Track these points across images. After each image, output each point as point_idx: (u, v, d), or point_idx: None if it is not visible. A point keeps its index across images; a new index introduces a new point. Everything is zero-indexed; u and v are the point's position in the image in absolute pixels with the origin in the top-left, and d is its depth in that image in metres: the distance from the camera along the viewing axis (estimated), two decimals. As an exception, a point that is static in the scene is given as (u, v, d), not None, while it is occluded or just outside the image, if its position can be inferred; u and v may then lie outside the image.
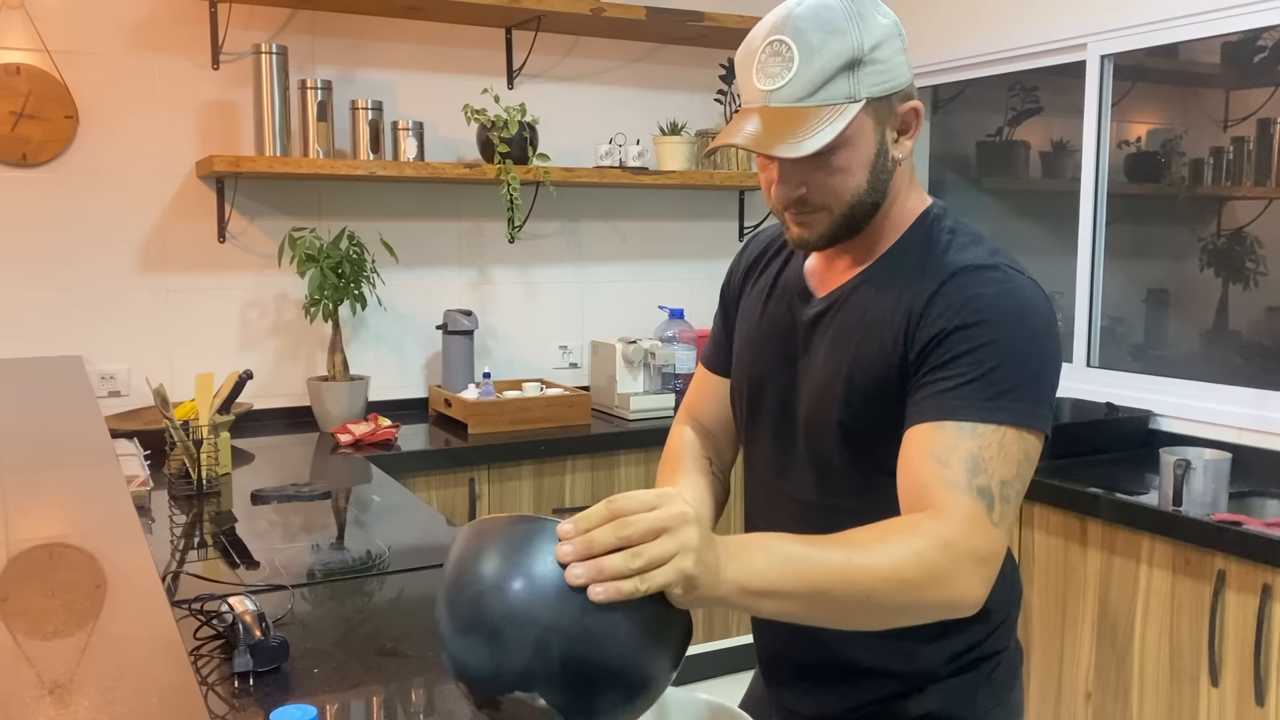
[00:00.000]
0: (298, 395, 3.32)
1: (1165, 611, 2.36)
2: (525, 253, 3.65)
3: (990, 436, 1.07)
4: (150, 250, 3.11)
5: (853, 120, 1.12)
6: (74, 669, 0.84)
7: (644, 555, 0.87)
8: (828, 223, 1.19)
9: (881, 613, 1.02)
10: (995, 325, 1.10)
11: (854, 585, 0.98)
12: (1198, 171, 3.04)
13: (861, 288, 1.22)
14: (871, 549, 1.00)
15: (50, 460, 1.58)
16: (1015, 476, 1.07)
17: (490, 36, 3.53)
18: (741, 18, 3.59)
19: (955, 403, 1.08)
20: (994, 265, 1.15)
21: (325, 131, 3.13)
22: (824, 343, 1.24)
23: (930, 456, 1.07)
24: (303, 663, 1.44)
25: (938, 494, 1.05)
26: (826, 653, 1.28)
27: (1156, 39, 2.99)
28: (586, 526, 0.88)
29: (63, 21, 2.95)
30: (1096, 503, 2.46)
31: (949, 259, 1.17)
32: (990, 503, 1.05)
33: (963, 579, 1.02)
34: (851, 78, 1.12)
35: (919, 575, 1.00)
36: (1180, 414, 2.91)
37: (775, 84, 1.12)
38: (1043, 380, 1.11)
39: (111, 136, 3.04)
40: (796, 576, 0.96)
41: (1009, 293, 1.13)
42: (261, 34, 3.18)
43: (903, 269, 1.20)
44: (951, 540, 1.02)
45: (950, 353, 1.10)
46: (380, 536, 2.10)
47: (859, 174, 1.16)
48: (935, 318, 1.13)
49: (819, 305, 1.26)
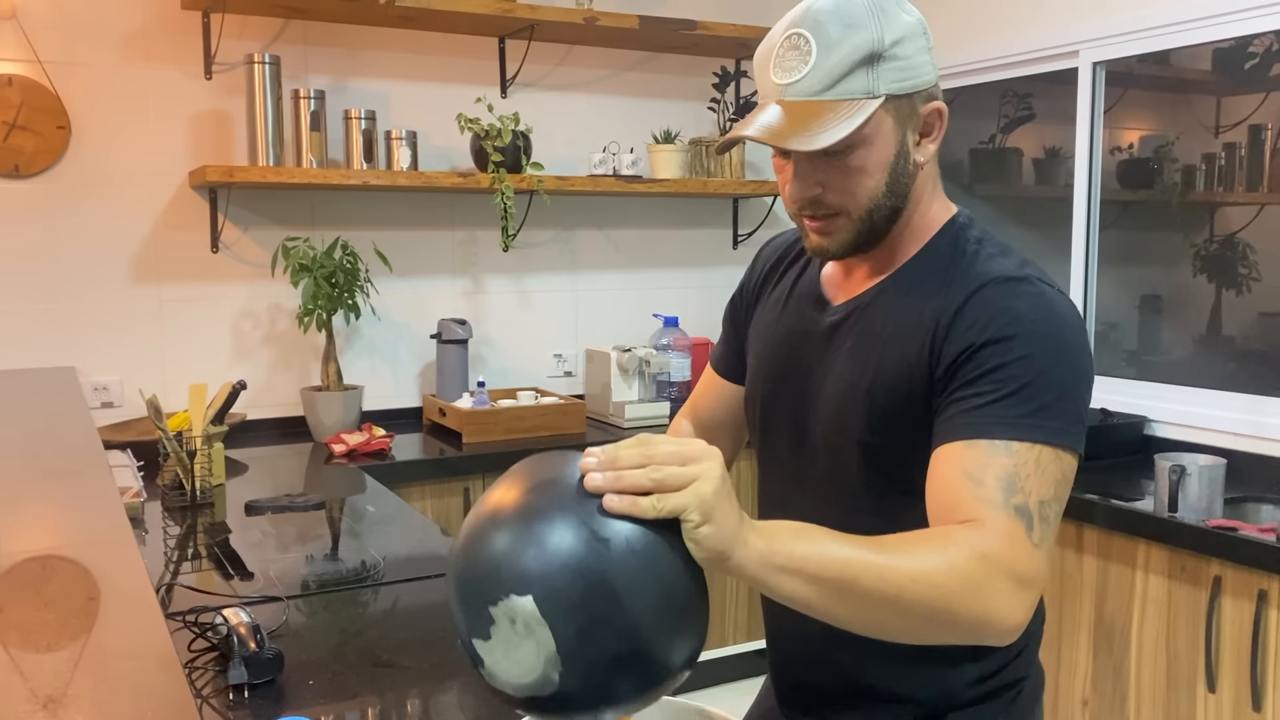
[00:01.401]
0: (291, 405, 3.31)
1: (1161, 618, 2.35)
2: (519, 261, 3.65)
3: (1026, 455, 1.01)
4: (143, 261, 3.10)
5: (871, 117, 1.08)
6: (67, 682, 0.83)
7: (664, 471, 0.87)
8: (847, 229, 1.14)
9: (908, 619, 0.95)
10: (1028, 340, 1.05)
11: (882, 581, 0.93)
12: (1190, 177, 3.05)
13: (882, 297, 1.17)
14: (903, 550, 0.95)
15: (43, 472, 1.57)
16: (1054, 497, 1.02)
17: (483, 45, 3.53)
18: (734, 26, 3.60)
19: (988, 420, 1.03)
20: (1025, 278, 1.10)
21: (319, 141, 3.12)
22: (841, 354, 1.19)
23: (963, 475, 1.01)
24: (298, 674, 1.43)
25: (973, 510, 0.99)
26: (844, 677, 1.23)
27: (1148, 46, 3.00)
28: (615, 452, 0.89)
29: (55, 32, 2.95)
30: (1092, 509, 2.46)
31: (977, 269, 1.12)
32: (1029, 522, 0.99)
33: (999, 596, 0.96)
34: (871, 73, 1.07)
35: (952, 583, 0.94)
36: (1175, 420, 2.91)
37: (792, 77, 1.08)
38: (1078, 398, 1.06)
39: (104, 147, 3.03)
40: (822, 559, 0.92)
41: (1042, 306, 1.07)
42: (254, 44, 3.18)
43: (927, 278, 1.15)
44: (989, 554, 0.96)
45: (981, 368, 1.05)
46: (375, 547, 2.09)
47: (877, 176, 1.12)
48: (964, 331, 1.07)
49: (836, 314, 1.21)
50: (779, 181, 1.18)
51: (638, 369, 3.49)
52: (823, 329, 1.23)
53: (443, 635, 1.59)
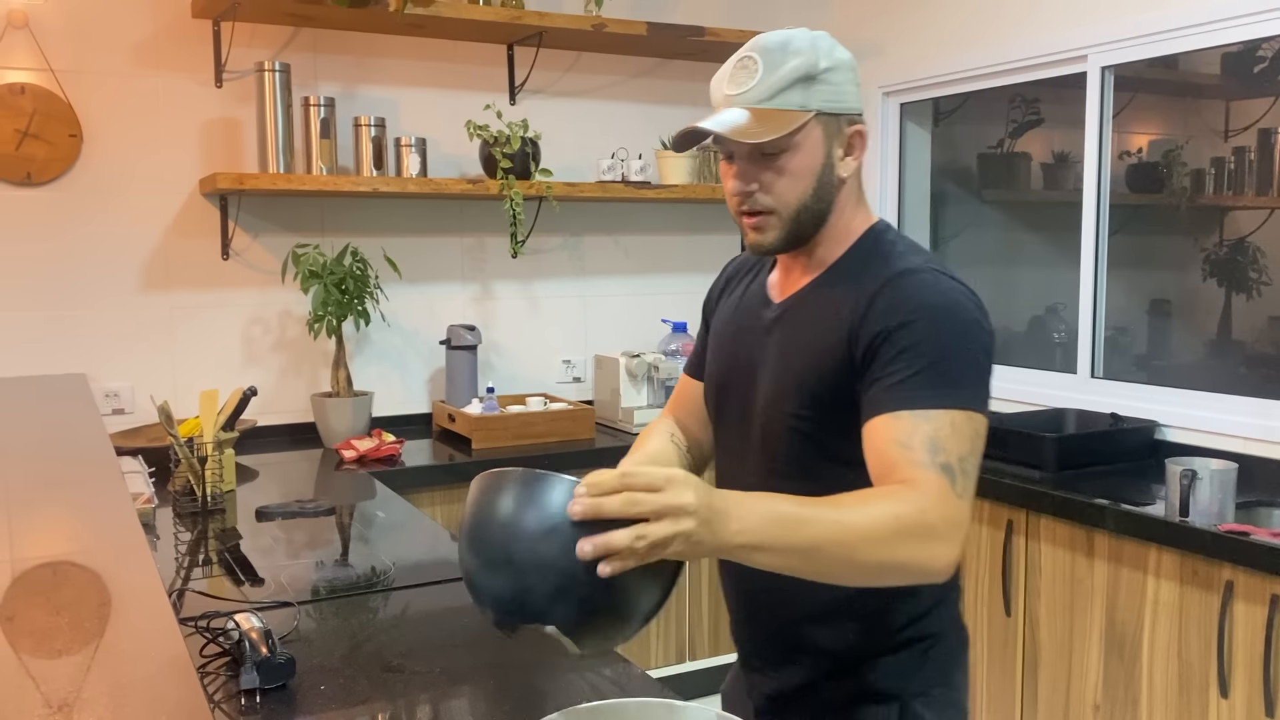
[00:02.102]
0: (302, 411, 3.32)
1: (1173, 623, 2.35)
2: (528, 267, 3.66)
3: (941, 420, 1.19)
4: (154, 268, 3.12)
5: (803, 127, 1.29)
6: (81, 687, 0.84)
7: (648, 538, 0.99)
8: (778, 227, 1.33)
9: (863, 568, 1.12)
10: (930, 322, 1.24)
11: (840, 542, 1.10)
12: (1199, 182, 3.04)
13: (812, 294, 1.37)
14: (856, 509, 1.12)
15: (56, 478, 1.58)
16: (970, 452, 1.21)
17: (492, 53, 3.54)
18: (742, 32, 3.61)
19: (907, 393, 1.21)
20: (926, 269, 1.29)
21: (328, 148, 3.14)
22: (778, 343, 1.38)
23: (894, 443, 1.19)
24: (309, 679, 1.44)
25: (907, 471, 1.17)
26: (780, 633, 1.42)
27: (1157, 50, 3.00)
28: (598, 492, 1.00)
29: (67, 41, 2.97)
30: (1102, 514, 2.45)
31: (889, 266, 1.31)
32: (953, 477, 1.17)
33: (936, 540, 1.14)
34: (806, 90, 1.28)
35: (897, 535, 1.12)
36: (1185, 424, 2.91)
37: (740, 89, 1.30)
38: (979, 365, 1.25)
39: (115, 155, 3.05)
40: (788, 534, 1.08)
41: (939, 292, 1.26)
42: (264, 52, 3.20)
43: (849, 275, 1.34)
44: (925, 506, 1.14)
45: (895, 349, 1.23)
46: (385, 552, 2.09)
47: (806, 180, 1.31)
48: (877, 317, 1.26)
49: (776, 310, 1.41)
50: (725, 188, 1.37)
51: (646, 374, 3.49)
52: (765, 323, 1.42)
53: (454, 640, 1.59)
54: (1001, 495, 2.71)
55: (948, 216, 3.92)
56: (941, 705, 1.39)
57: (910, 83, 3.77)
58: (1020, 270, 3.63)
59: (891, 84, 3.84)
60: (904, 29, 3.77)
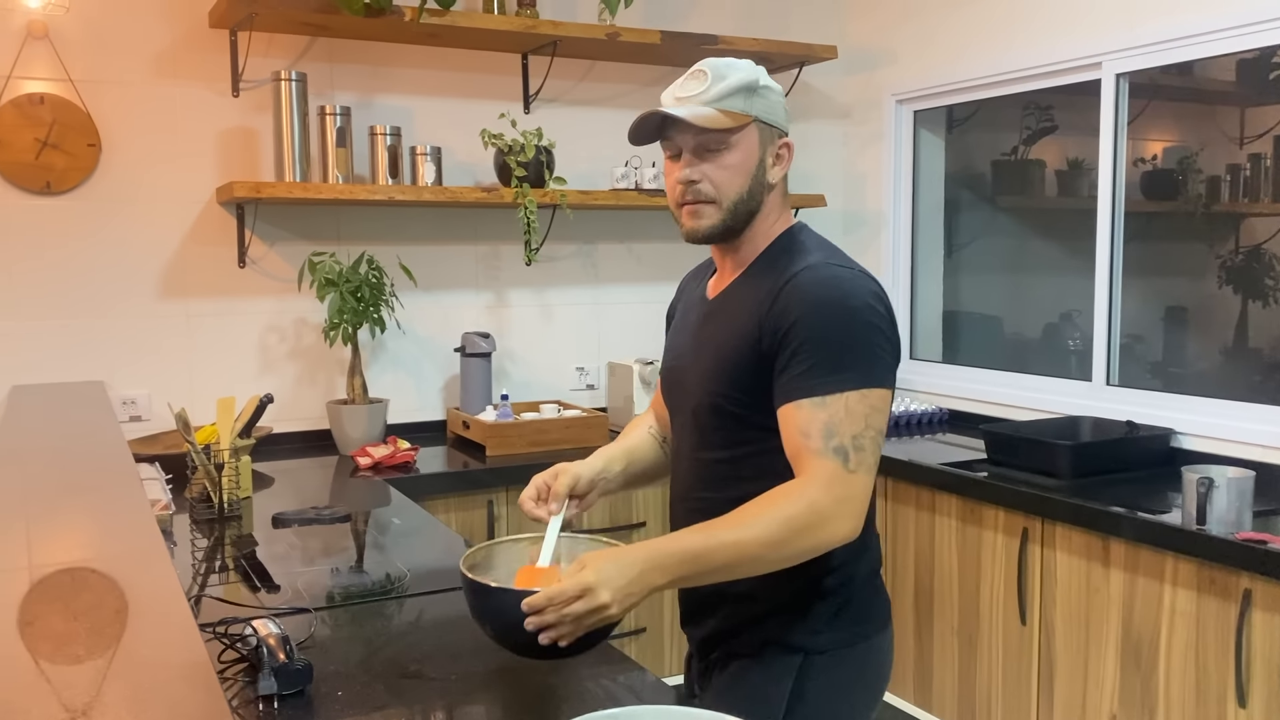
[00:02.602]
0: (317, 418, 3.34)
1: (1190, 631, 2.33)
2: (542, 275, 3.67)
3: (836, 404, 1.41)
4: (171, 276, 3.14)
5: (744, 128, 1.50)
6: (102, 692, 0.85)
7: (582, 626, 1.34)
8: (715, 216, 1.52)
9: (773, 564, 1.40)
10: (822, 314, 1.43)
11: (744, 557, 1.37)
12: (1214, 189, 3.03)
13: (735, 290, 1.58)
14: (752, 524, 1.37)
15: (75, 484, 1.59)
16: (865, 428, 1.41)
17: (507, 62, 3.56)
18: (756, 40, 3.62)
19: (806, 383, 1.42)
20: (823, 264, 1.49)
21: (344, 157, 3.16)
22: (709, 335, 1.59)
23: (797, 432, 1.42)
24: (326, 686, 1.44)
25: (806, 462, 1.41)
26: (703, 589, 1.58)
27: (1171, 57, 2.99)
28: (537, 609, 1.32)
29: (86, 51, 3.00)
30: (1118, 522, 2.44)
31: (793, 263, 1.51)
32: (845, 457, 1.40)
33: (828, 523, 1.38)
34: (747, 99, 1.50)
35: (791, 534, 1.37)
36: (1201, 432, 2.89)
37: (692, 93, 1.50)
38: (868, 344, 1.43)
39: (133, 164, 3.07)
40: (699, 567, 1.37)
41: (832, 285, 1.46)
42: (281, 61, 3.22)
43: (763, 272, 1.54)
44: (815, 498, 1.38)
45: (795, 340, 1.44)
46: (400, 559, 2.10)
47: (742, 177, 1.52)
48: (780, 312, 1.46)
49: (708, 306, 1.63)
50: (667, 184, 1.57)
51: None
52: (701, 318, 1.64)
53: (469, 646, 1.60)
54: (1017, 503, 2.70)
55: (961, 224, 3.92)
56: (843, 663, 1.56)
57: (924, 90, 3.77)
58: (1034, 277, 3.62)
59: (905, 91, 3.84)
60: (917, 37, 3.77)
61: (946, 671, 2.99)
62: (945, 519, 2.96)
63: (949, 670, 2.99)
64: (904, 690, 3.15)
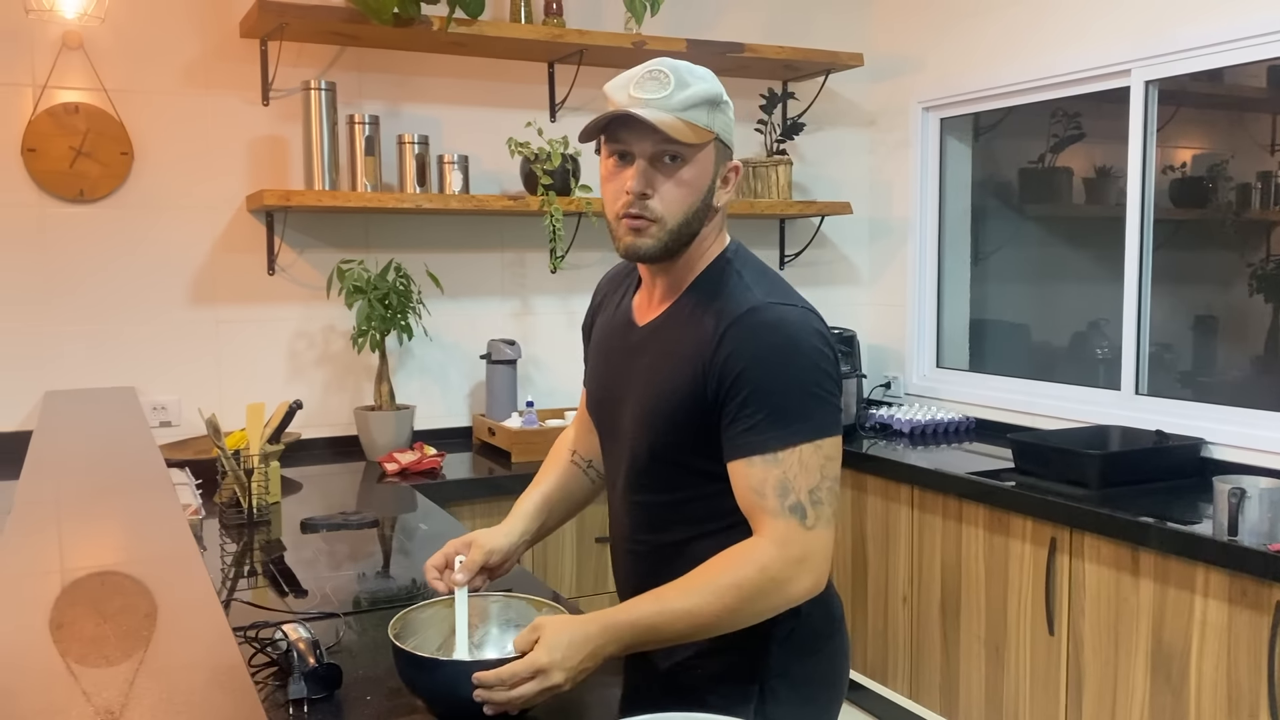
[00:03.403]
0: (345, 425, 3.36)
1: (1222, 644, 2.31)
2: (567, 282, 3.68)
3: (790, 458, 1.34)
4: (201, 283, 3.18)
5: (704, 145, 1.40)
6: (139, 694, 0.86)
7: (531, 703, 1.29)
8: (658, 234, 1.41)
9: (732, 627, 1.35)
10: (771, 364, 1.36)
11: (697, 626, 1.33)
12: (1245, 196, 3.01)
13: (668, 322, 1.48)
14: (704, 591, 1.32)
15: (108, 489, 1.61)
16: (820, 480, 1.35)
17: (533, 70, 3.57)
18: (781, 48, 3.62)
19: (757, 438, 1.35)
20: (765, 305, 1.39)
21: (373, 165, 3.18)
22: (641, 368, 1.49)
23: (751, 490, 1.36)
24: (355, 690, 1.45)
25: (761, 522, 1.35)
26: None
27: (1201, 64, 2.97)
28: (487, 686, 1.27)
29: (120, 61, 3.04)
30: (1148, 532, 2.42)
31: (734, 302, 1.41)
32: (802, 514, 1.34)
33: (783, 586, 1.34)
34: (710, 113, 1.40)
35: (742, 601, 1.33)
36: (1233, 442, 2.86)
37: (654, 95, 1.37)
38: (820, 394, 1.37)
39: (165, 172, 3.11)
40: (655, 636, 1.33)
41: (778, 330, 1.37)
42: (310, 71, 3.25)
43: (699, 305, 1.44)
44: (767, 563, 1.33)
45: (742, 391, 1.36)
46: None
47: (694, 196, 1.41)
48: (726, 358, 1.37)
49: (638, 335, 1.52)
50: (610, 189, 1.44)
51: (685, 389, 3.49)
52: (629, 346, 1.54)
53: (496, 653, 1.60)
54: (1045, 512, 2.69)
55: (988, 232, 3.90)
56: (805, 685, 1.50)
57: (950, 97, 3.76)
58: (1062, 286, 3.60)
59: (931, 99, 3.83)
60: (944, 43, 3.76)
61: (973, 681, 2.97)
62: (972, 528, 2.95)
63: (976, 680, 2.97)
64: (930, 699, 3.13)
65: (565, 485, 1.74)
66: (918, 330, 3.99)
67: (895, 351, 4.06)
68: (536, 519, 1.69)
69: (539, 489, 1.73)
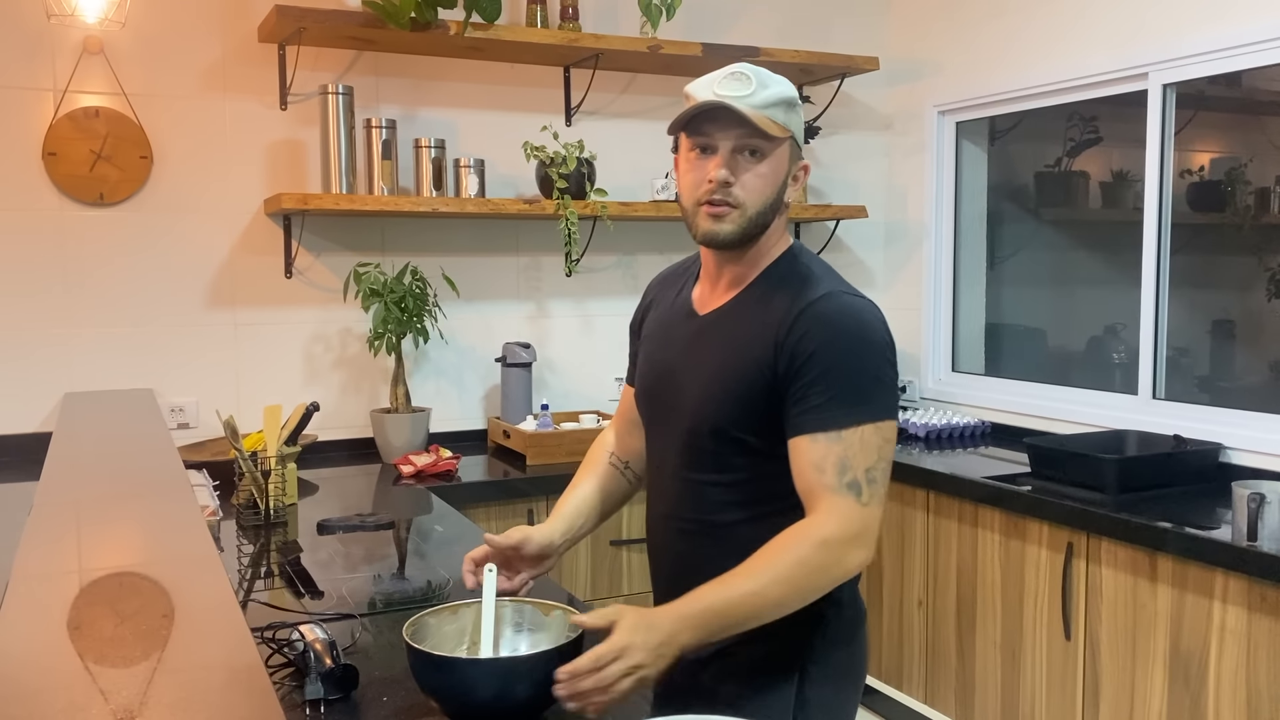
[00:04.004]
0: (361, 427, 3.38)
1: (1241, 650, 2.30)
2: (582, 286, 3.69)
3: (852, 437, 1.41)
4: (219, 286, 3.20)
5: (782, 142, 1.49)
6: (157, 694, 0.86)
7: (616, 691, 1.28)
8: (738, 220, 1.49)
9: (796, 605, 1.41)
10: (841, 346, 1.44)
11: (765, 605, 1.38)
12: (1264, 200, 2.99)
13: (738, 307, 1.55)
14: (767, 573, 1.38)
15: (127, 490, 1.62)
16: (877, 460, 1.43)
17: (549, 75, 3.58)
18: (797, 52, 3.62)
19: (824, 415, 1.42)
20: (834, 293, 1.49)
21: (389, 169, 3.20)
22: (705, 351, 1.55)
23: (811, 466, 1.43)
24: (372, 691, 1.46)
25: (819, 498, 1.42)
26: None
27: (1219, 68, 2.96)
28: (579, 674, 1.27)
29: (139, 65, 3.06)
30: (1165, 537, 2.41)
31: (803, 292, 1.49)
32: (859, 491, 1.41)
33: (841, 561, 1.40)
34: (787, 113, 1.49)
35: (806, 577, 1.39)
36: (1251, 447, 2.85)
37: (739, 93, 1.46)
38: (883, 379, 1.46)
39: (184, 176, 3.13)
40: (726, 621, 1.37)
41: (849, 316, 1.46)
42: (328, 75, 3.27)
43: (770, 295, 1.52)
44: (827, 538, 1.39)
45: (814, 370, 1.43)
46: (442, 566, 2.12)
47: (772, 187, 1.50)
48: (799, 338, 1.45)
49: (701, 321, 1.59)
50: (689, 179, 1.52)
51: (700, 393, 3.49)
52: (691, 333, 1.59)
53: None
54: (1061, 517, 2.67)
55: (1004, 235, 3.89)
56: (838, 671, 1.56)
57: (966, 101, 3.75)
58: (1078, 290, 3.59)
59: (947, 103, 3.83)
60: (960, 47, 3.76)
61: (989, 686, 2.96)
62: (988, 533, 2.94)
63: (991, 685, 2.95)
64: (946, 705, 3.12)
65: (604, 486, 1.77)
66: (933, 334, 3.98)
67: (911, 355, 4.05)
68: (576, 519, 1.71)
69: (577, 490, 1.75)
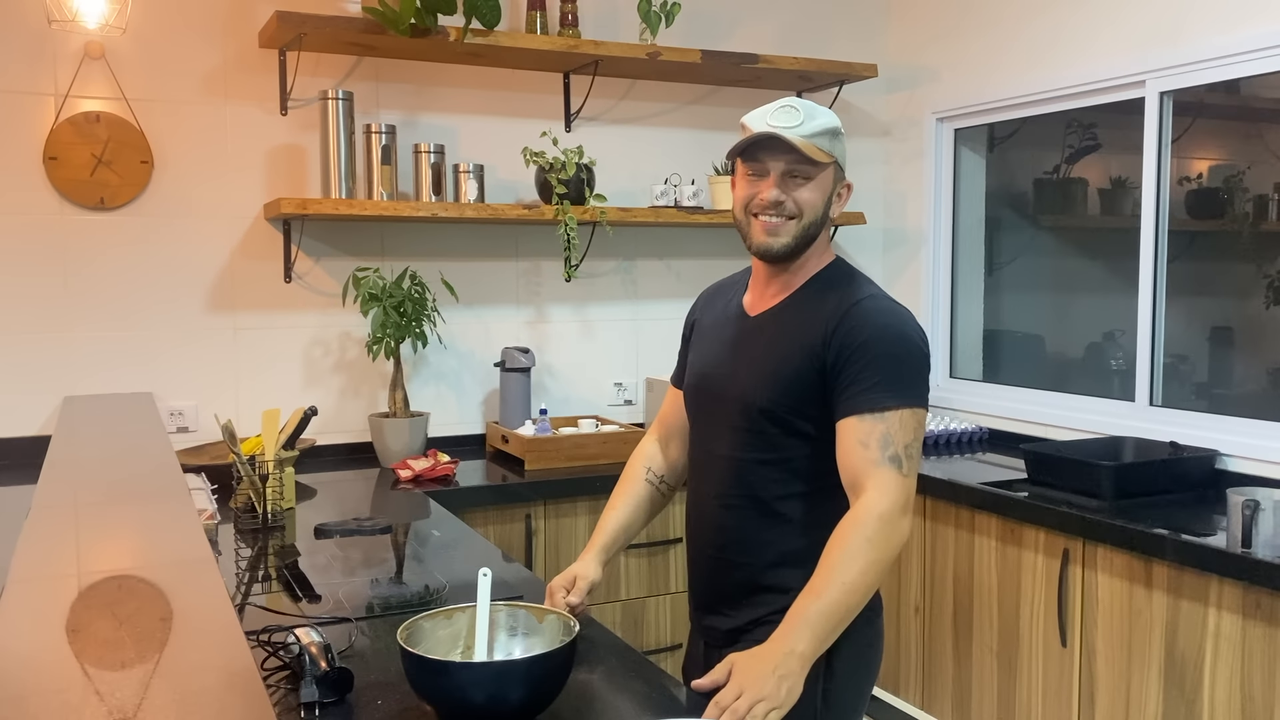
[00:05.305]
0: (359, 431, 3.38)
1: (1235, 656, 2.30)
2: (582, 291, 3.70)
3: (894, 418, 1.60)
4: (219, 290, 3.20)
5: (827, 166, 1.70)
6: (153, 696, 0.87)
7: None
8: (792, 231, 1.70)
9: (879, 583, 1.58)
10: (882, 340, 1.64)
11: (859, 590, 1.54)
12: (1262, 208, 3.00)
13: (786, 310, 1.75)
14: (847, 562, 1.53)
15: (125, 494, 1.63)
16: (914, 439, 1.62)
17: (549, 81, 3.60)
18: (796, 59, 3.63)
19: (870, 397, 1.61)
20: (877, 296, 1.71)
21: (389, 174, 3.21)
22: (758, 345, 1.74)
23: (857, 443, 1.60)
24: (367, 695, 1.47)
25: (865, 474, 1.59)
26: (743, 578, 1.75)
27: (1217, 75, 2.97)
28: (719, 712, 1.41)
29: (140, 71, 3.07)
30: (1162, 544, 2.41)
31: (851, 293, 1.71)
32: (899, 464, 1.59)
33: (899, 529, 1.57)
34: (831, 141, 1.70)
35: (877, 550, 1.55)
36: (1247, 454, 2.85)
37: (790, 123, 1.67)
38: (919, 369, 1.66)
39: (184, 181, 3.14)
40: (827, 625, 1.52)
41: (891, 315, 1.68)
42: (328, 81, 3.28)
43: (818, 297, 1.73)
44: (882, 512, 1.56)
45: (864, 357, 1.62)
46: (439, 571, 2.12)
47: (820, 202, 1.71)
48: (847, 331, 1.65)
49: (754, 321, 1.78)
50: (742, 194, 1.72)
51: (698, 398, 3.49)
52: (743, 331, 1.79)
53: (506, 659, 1.61)
54: (1058, 524, 2.68)
55: (1002, 242, 3.90)
56: (863, 641, 1.72)
57: (965, 108, 3.76)
58: (1077, 297, 3.59)
59: (946, 110, 3.84)
60: (959, 54, 3.77)
61: (985, 693, 2.97)
62: (985, 539, 2.94)
63: (988, 691, 2.96)
64: (942, 710, 3.12)
65: (640, 506, 1.93)
66: (931, 340, 3.99)
67: (909, 361, 4.05)
68: (613, 548, 1.87)
69: (616, 514, 1.91)
